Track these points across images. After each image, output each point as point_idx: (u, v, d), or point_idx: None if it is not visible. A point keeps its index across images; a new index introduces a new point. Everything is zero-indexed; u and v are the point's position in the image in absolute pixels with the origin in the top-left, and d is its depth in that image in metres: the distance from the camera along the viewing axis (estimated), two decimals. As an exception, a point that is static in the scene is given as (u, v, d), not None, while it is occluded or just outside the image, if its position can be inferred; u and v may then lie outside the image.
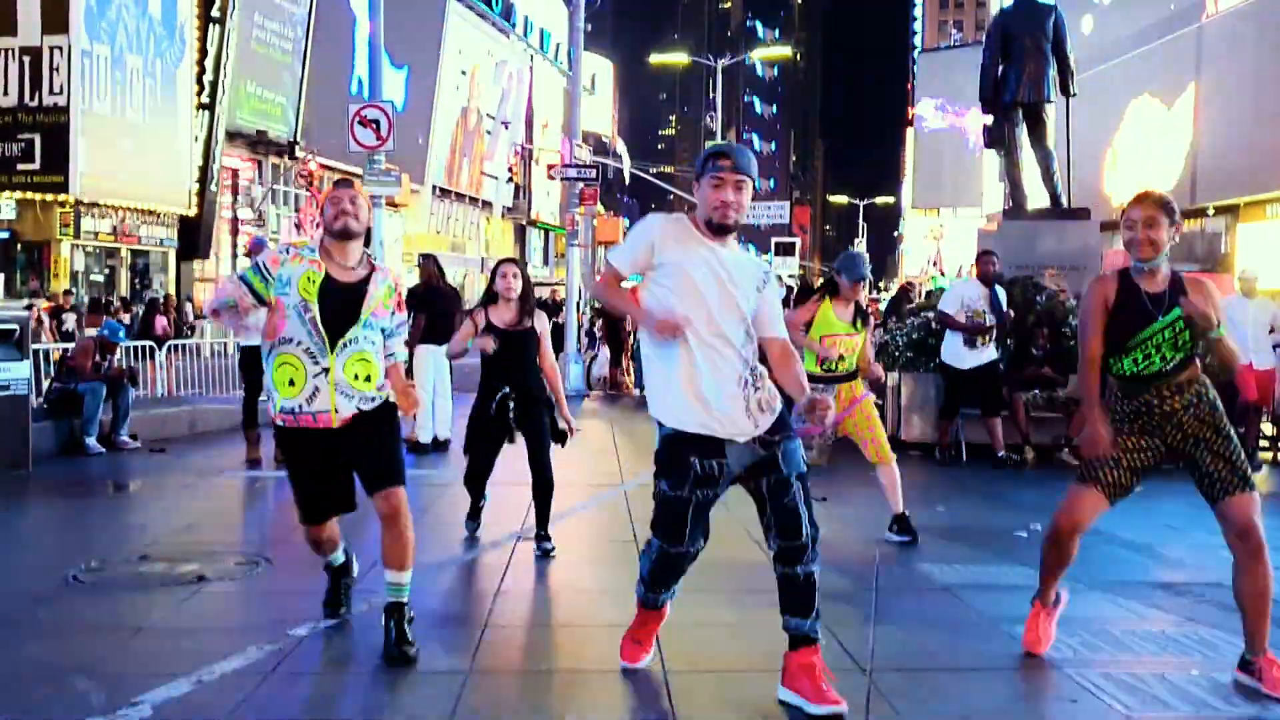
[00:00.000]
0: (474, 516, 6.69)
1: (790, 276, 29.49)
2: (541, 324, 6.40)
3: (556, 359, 6.69)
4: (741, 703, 3.95)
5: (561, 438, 6.47)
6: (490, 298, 6.35)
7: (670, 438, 3.86)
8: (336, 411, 4.30)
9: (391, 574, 4.40)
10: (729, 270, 3.82)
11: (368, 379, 4.36)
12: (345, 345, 4.30)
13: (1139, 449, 4.17)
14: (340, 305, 4.30)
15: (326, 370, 4.28)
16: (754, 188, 3.86)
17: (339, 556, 4.87)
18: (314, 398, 4.30)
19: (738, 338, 3.83)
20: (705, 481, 3.82)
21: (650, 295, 3.87)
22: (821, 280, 7.76)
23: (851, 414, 6.71)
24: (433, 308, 10.43)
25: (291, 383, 4.30)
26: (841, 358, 6.70)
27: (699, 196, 3.85)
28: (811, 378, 6.69)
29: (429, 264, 10.96)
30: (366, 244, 4.57)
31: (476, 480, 6.54)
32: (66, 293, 22.96)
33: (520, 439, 6.35)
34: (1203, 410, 4.13)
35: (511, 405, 6.22)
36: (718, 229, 3.81)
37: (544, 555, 6.22)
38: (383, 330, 4.45)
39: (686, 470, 3.81)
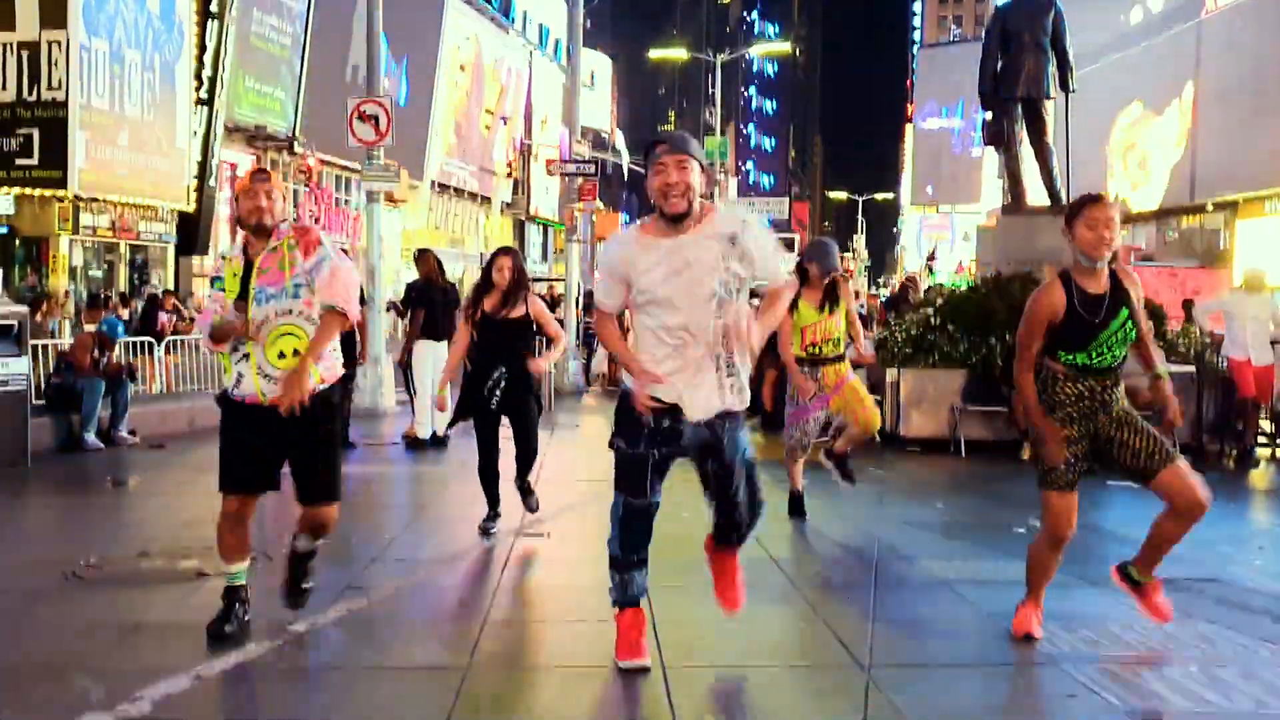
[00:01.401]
0: (491, 520, 6.63)
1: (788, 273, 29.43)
2: (537, 306, 6.51)
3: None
4: (740, 699, 3.95)
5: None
6: (487, 287, 6.46)
7: (626, 396, 4.00)
8: (263, 394, 4.29)
9: (303, 540, 4.52)
10: (689, 258, 3.84)
11: (295, 353, 4.25)
12: (259, 328, 4.25)
13: (1082, 437, 4.33)
14: (255, 283, 4.29)
15: (247, 356, 4.29)
16: (700, 166, 3.84)
17: (241, 574, 4.51)
18: (240, 382, 4.35)
19: (704, 328, 3.87)
20: (660, 436, 3.92)
21: (640, 321, 3.98)
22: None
23: (840, 393, 6.78)
24: (431, 303, 10.42)
25: (226, 370, 4.41)
26: (825, 342, 6.75)
27: (650, 191, 3.87)
28: (798, 360, 6.82)
29: (428, 259, 10.92)
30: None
31: (489, 474, 6.54)
32: (67, 292, 22.94)
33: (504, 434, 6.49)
34: (1125, 406, 4.36)
35: (500, 386, 6.34)
36: (671, 218, 3.83)
37: (527, 494, 6.58)
38: (296, 293, 4.26)
39: (642, 427, 3.93)
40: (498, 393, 6.36)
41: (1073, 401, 4.31)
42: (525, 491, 6.67)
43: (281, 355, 4.26)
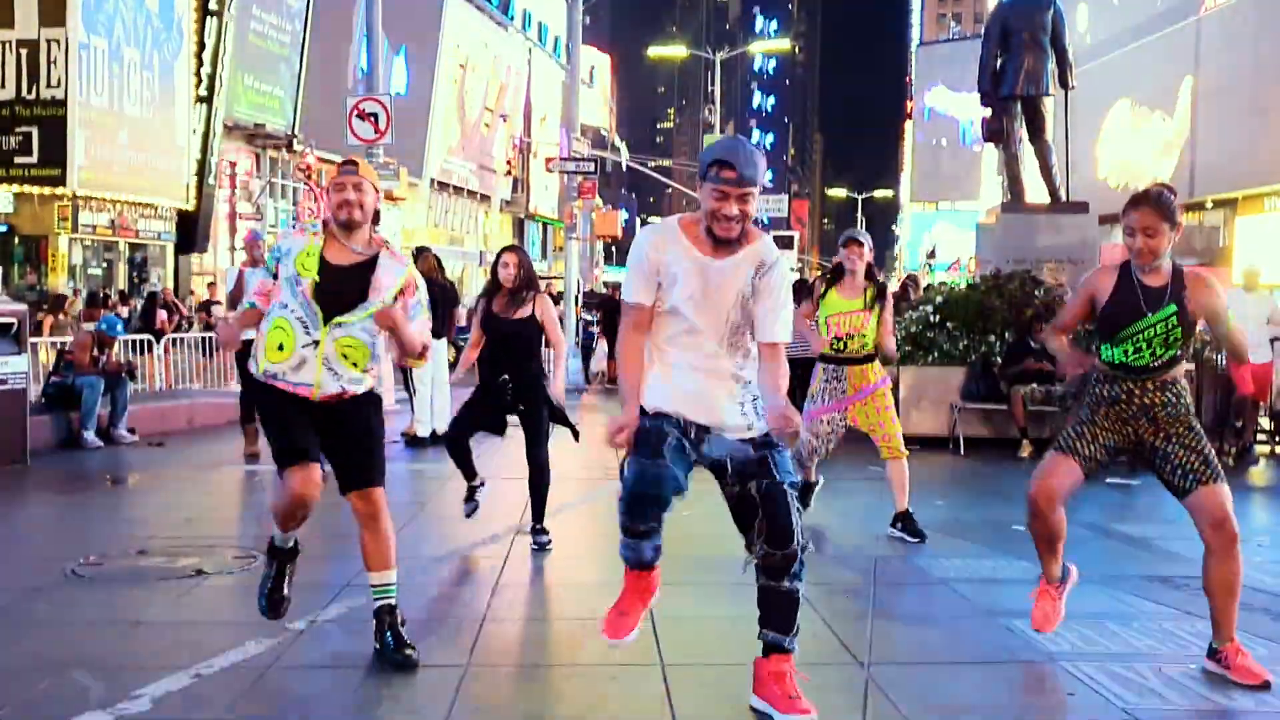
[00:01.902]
0: (470, 497, 6.52)
1: (790, 270, 29.45)
2: (544, 307, 6.31)
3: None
4: (739, 697, 3.95)
5: (560, 418, 6.41)
6: (495, 287, 6.33)
7: (645, 412, 3.68)
8: (319, 386, 4.15)
9: (376, 575, 4.30)
10: (710, 288, 3.61)
11: (356, 363, 4.21)
12: (339, 325, 4.15)
13: (1114, 430, 4.22)
14: (335, 285, 4.16)
15: (316, 343, 4.13)
16: (759, 190, 3.63)
17: (293, 537, 4.44)
18: (300, 368, 4.15)
19: (725, 351, 3.66)
20: (686, 433, 3.63)
21: (659, 321, 3.71)
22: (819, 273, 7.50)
23: (863, 402, 6.48)
24: (431, 301, 10.40)
25: (281, 347, 4.15)
26: (851, 336, 6.43)
27: (701, 197, 3.61)
28: (822, 358, 6.57)
29: (428, 258, 10.91)
30: (376, 222, 4.36)
31: (459, 448, 6.34)
32: (75, 291, 22.96)
33: (508, 433, 6.38)
34: (1179, 410, 4.18)
35: (509, 392, 6.23)
36: (720, 242, 3.59)
37: (540, 549, 6.22)
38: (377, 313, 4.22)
39: (668, 416, 3.63)
40: (508, 396, 6.24)
41: (1107, 402, 4.21)
42: (539, 533, 6.32)
43: (346, 358, 4.19)
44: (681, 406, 3.65)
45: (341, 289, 4.16)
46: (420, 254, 11.17)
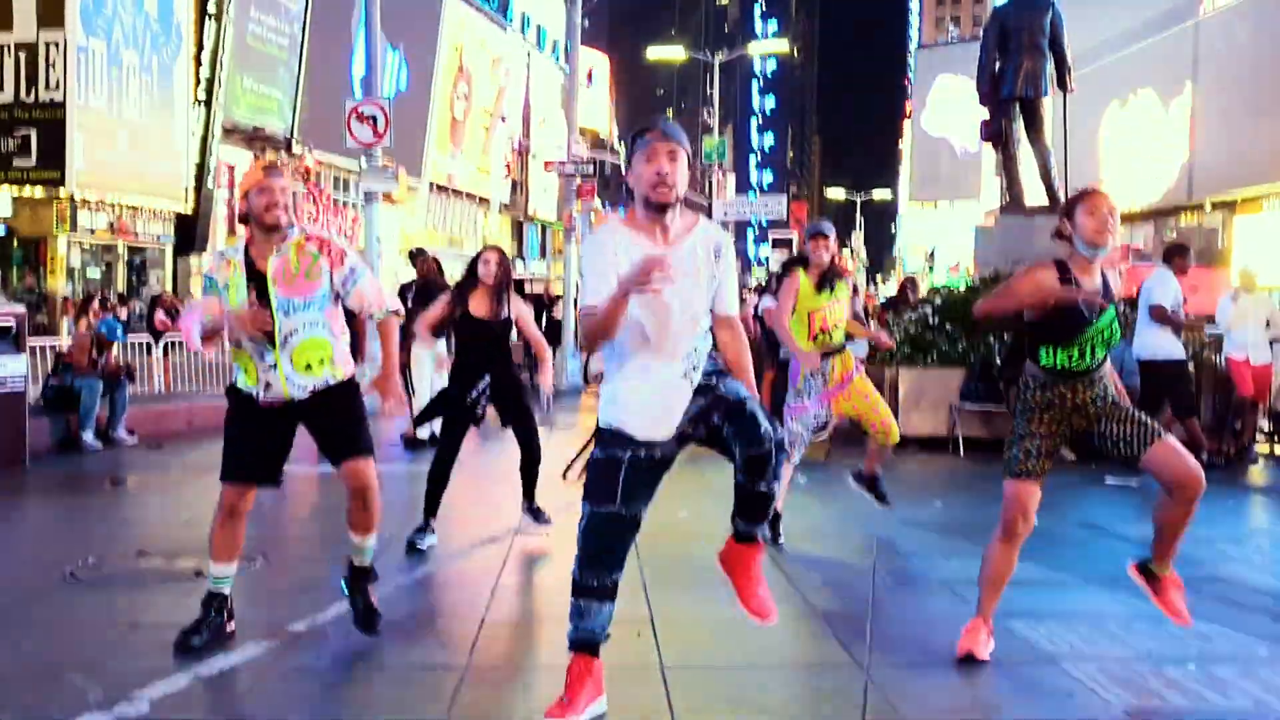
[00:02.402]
0: (422, 531, 6.21)
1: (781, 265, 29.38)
2: (519, 306, 6.41)
3: (554, 354, 6.75)
4: (739, 699, 3.95)
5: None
6: (471, 282, 6.34)
7: (602, 433, 3.66)
8: (291, 399, 4.28)
9: (357, 537, 4.44)
10: (680, 270, 3.47)
11: (320, 362, 4.25)
12: (288, 338, 4.20)
13: (1051, 435, 4.25)
14: (267, 299, 4.20)
15: (274, 366, 4.23)
16: (689, 159, 3.58)
17: (227, 580, 4.41)
18: (268, 389, 4.29)
19: (683, 343, 3.59)
20: (641, 449, 3.56)
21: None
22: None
23: (846, 394, 6.41)
24: (428, 304, 10.40)
25: (247, 371, 4.32)
26: (835, 328, 6.36)
27: (634, 179, 3.54)
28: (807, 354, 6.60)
29: (427, 260, 10.92)
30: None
31: (438, 478, 6.24)
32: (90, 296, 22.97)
33: (504, 434, 6.46)
34: (1106, 402, 4.23)
35: (486, 398, 6.28)
36: (659, 208, 3.51)
37: (535, 518, 6.50)
38: (321, 304, 4.24)
39: (624, 442, 3.57)
40: (482, 403, 6.27)
41: (1042, 408, 4.22)
42: (536, 513, 6.61)
43: (308, 366, 4.23)
44: (639, 430, 3.56)
45: (289, 295, 4.20)
46: (418, 256, 11.17)
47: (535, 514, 6.62)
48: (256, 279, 4.23)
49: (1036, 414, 4.23)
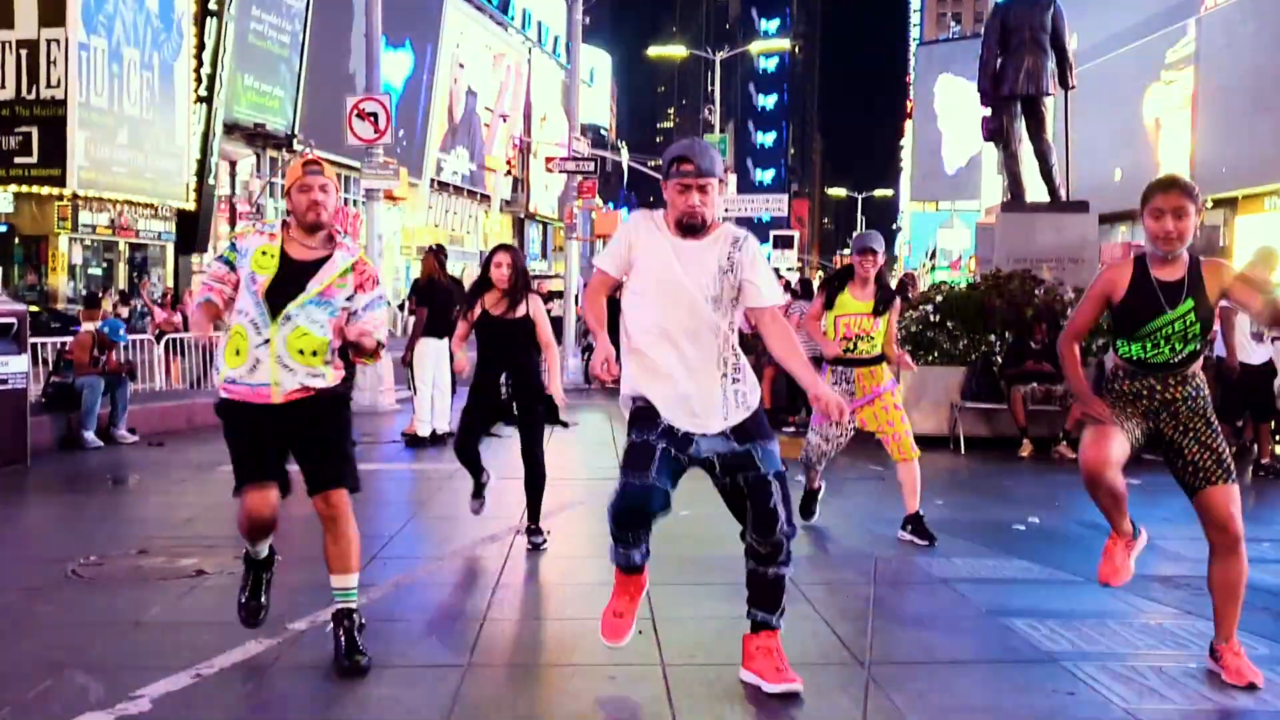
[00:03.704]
0: (478, 494, 6.51)
1: (789, 270, 29.43)
2: (536, 307, 6.29)
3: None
4: (738, 695, 3.96)
5: (554, 415, 6.37)
6: (485, 285, 6.30)
7: (639, 406, 3.93)
8: (278, 385, 4.16)
9: (336, 578, 4.27)
10: (685, 263, 3.84)
11: (313, 354, 4.21)
12: (287, 319, 4.16)
13: (1135, 417, 4.16)
14: (289, 280, 4.19)
15: (268, 341, 4.16)
16: (721, 181, 3.90)
17: (265, 548, 4.51)
18: (255, 369, 4.17)
19: (706, 330, 3.85)
20: (674, 438, 3.84)
21: (626, 298, 3.96)
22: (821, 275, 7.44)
23: (871, 404, 6.42)
24: (433, 301, 10.40)
25: (237, 353, 4.20)
26: (860, 338, 6.40)
27: (667, 197, 3.90)
28: (831, 360, 6.48)
29: (432, 257, 10.86)
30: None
31: (468, 450, 6.34)
32: (106, 291, 22.99)
33: (505, 432, 6.34)
34: (1199, 404, 4.15)
35: (507, 391, 6.21)
36: (688, 229, 3.86)
37: (535, 549, 6.21)
38: (332, 310, 4.23)
39: (656, 423, 3.85)
40: (505, 394, 6.22)
41: (1129, 400, 4.15)
42: (534, 533, 6.32)
43: (301, 352, 4.20)
44: (667, 413, 3.86)
45: (290, 283, 4.19)
46: (427, 253, 11.05)
47: (534, 537, 6.29)
48: (285, 262, 4.21)
49: (1123, 402, 4.15)
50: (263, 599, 4.47)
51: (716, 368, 3.87)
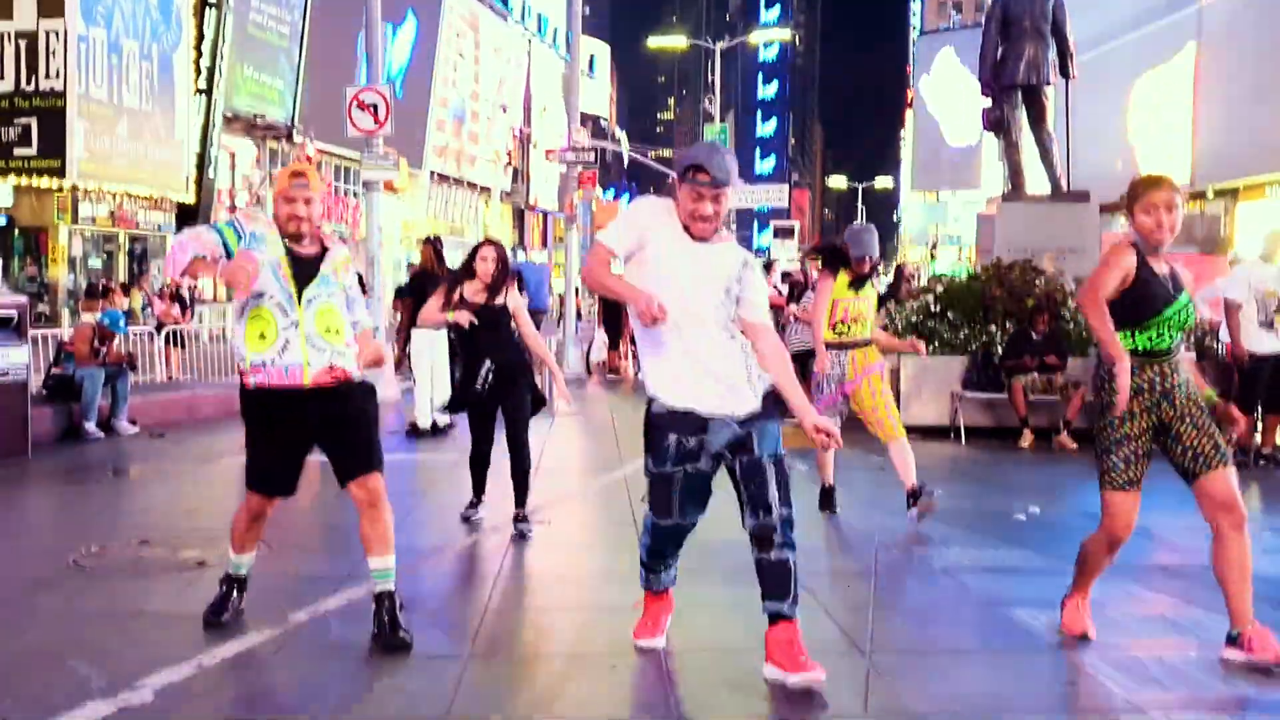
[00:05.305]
0: (474, 506, 6.62)
1: (790, 260, 29.40)
2: (515, 300, 6.36)
3: (552, 346, 6.69)
4: (739, 681, 3.96)
5: (539, 405, 6.44)
6: (468, 273, 6.36)
7: (653, 417, 3.97)
8: (309, 365, 4.24)
9: (376, 560, 4.37)
10: (701, 264, 3.90)
11: (336, 332, 4.32)
12: (310, 300, 4.29)
13: (1145, 432, 4.18)
14: (301, 270, 4.32)
15: (296, 324, 4.25)
16: (735, 186, 3.95)
17: (245, 565, 4.64)
18: (286, 349, 4.24)
19: (725, 315, 3.92)
20: (687, 456, 3.90)
21: (630, 279, 3.95)
22: (818, 255, 7.42)
23: (859, 385, 6.58)
24: (426, 293, 10.38)
25: (263, 336, 4.25)
26: (855, 321, 6.61)
27: (679, 198, 3.93)
28: (826, 344, 6.66)
29: (428, 248, 10.86)
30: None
31: (480, 462, 6.49)
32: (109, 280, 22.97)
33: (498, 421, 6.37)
34: (1190, 389, 4.21)
35: (490, 378, 6.23)
36: (696, 238, 3.92)
37: (521, 538, 6.20)
38: (346, 292, 4.43)
39: (666, 447, 3.91)
40: (488, 383, 6.25)
41: (1134, 396, 4.15)
42: (521, 519, 6.31)
43: (328, 330, 4.31)
44: (693, 392, 3.88)
45: (303, 272, 4.33)
46: (424, 244, 11.04)
47: (520, 524, 6.28)
48: (292, 255, 4.33)
49: (1131, 401, 4.13)
50: (224, 618, 4.55)
51: (739, 348, 3.93)
